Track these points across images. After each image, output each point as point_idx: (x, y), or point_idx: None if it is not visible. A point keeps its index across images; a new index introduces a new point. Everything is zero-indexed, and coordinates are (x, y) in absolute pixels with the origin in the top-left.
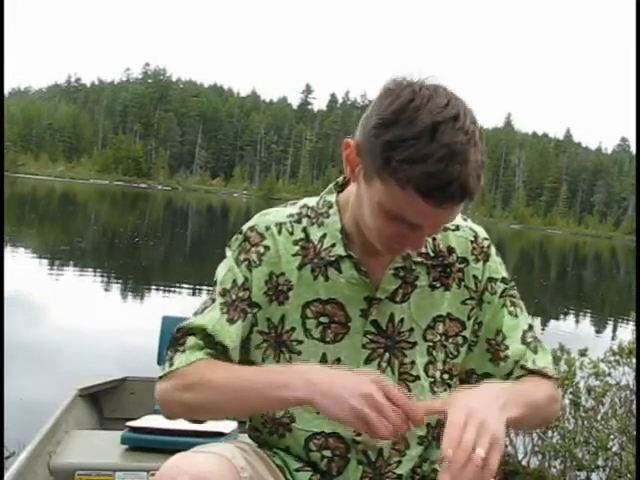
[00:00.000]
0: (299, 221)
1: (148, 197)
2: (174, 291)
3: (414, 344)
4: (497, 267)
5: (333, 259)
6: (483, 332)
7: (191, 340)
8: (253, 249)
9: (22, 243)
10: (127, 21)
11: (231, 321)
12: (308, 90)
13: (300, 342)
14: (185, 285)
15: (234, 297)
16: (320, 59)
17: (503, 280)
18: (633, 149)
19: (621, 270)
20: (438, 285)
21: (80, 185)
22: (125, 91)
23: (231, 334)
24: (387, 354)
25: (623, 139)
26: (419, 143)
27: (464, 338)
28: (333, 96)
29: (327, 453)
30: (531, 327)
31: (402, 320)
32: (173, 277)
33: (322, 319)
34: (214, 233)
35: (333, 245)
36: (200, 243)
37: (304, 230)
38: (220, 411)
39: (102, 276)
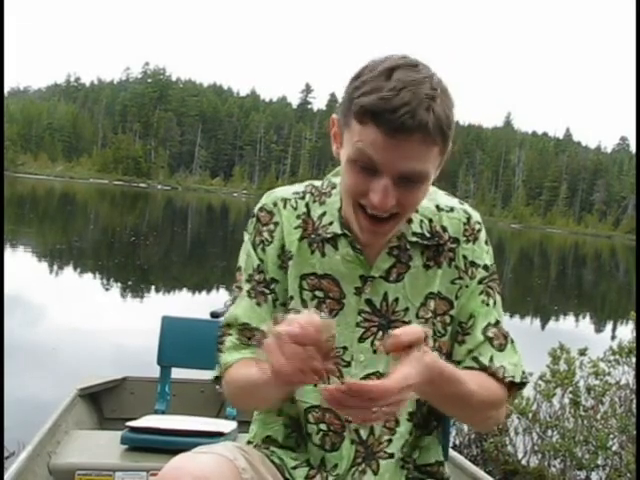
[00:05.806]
0: (303, 197)
1: (148, 197)
2: (174, 291)
3: (408, 324)
4: (482, 253)
5: (330, 236)
6: (458, 314)
7: (229, 341)
8: (265, 228)
9: (20, 242)
10: (127, 21)
11: (259, 305)
12: (308, 89)
13: (298, 312)
14: (185, 284)
15: (257, 280)
16: (320, 59)
17: (485, 267)
18: (633, 148)
19: (620, 269)
20: (432, 265)
21: (79, 185)
22: (124, 91)
23: (264, 317)
24: (381, 332)
25: (623, 138)
26: (377, 80)
27: (451, 317)
28: (333, 96)
29: (323, 427)
30: (498, 322)
31: (397, 299)
32: (173, 277)
33: (317, 293)
34: (214, 232)
35: (331, 223)
36: (199, 242)
37: (306, 205)
38: (247, 404)
39: (101, 276)
